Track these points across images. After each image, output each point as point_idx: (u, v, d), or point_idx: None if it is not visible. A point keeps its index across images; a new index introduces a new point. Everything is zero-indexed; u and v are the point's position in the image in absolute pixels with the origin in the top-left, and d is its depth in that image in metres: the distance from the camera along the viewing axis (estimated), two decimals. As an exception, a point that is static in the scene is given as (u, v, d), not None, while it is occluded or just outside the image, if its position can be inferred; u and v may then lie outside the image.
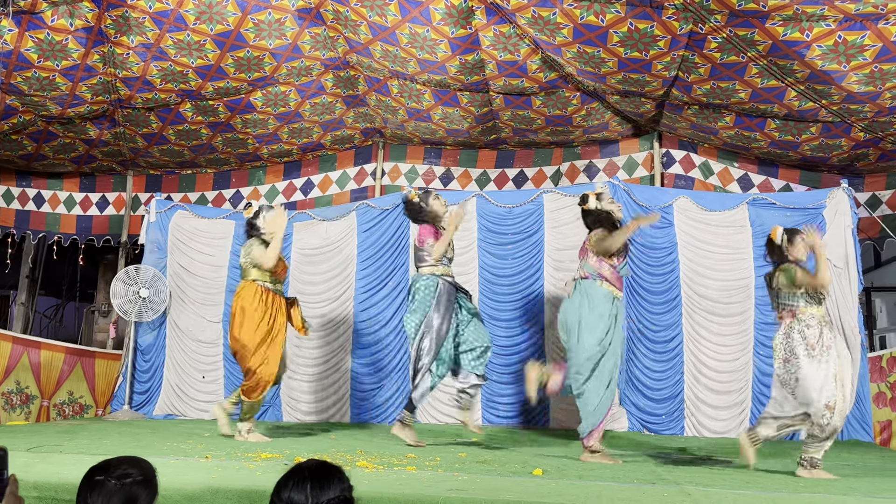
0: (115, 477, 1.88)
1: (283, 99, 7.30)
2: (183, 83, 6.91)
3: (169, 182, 8.71)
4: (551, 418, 6.70)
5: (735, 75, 6.00)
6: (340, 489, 1.79)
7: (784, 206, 6.68)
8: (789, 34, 5.27)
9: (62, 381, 6.96)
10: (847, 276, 6.46)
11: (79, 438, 5.04)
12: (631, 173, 7.62)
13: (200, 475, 3.36)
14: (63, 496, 3.07)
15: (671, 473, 4.05)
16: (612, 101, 6.92)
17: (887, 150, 6.78)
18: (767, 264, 4.62)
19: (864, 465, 4.91)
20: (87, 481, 1.89)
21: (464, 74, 6.65)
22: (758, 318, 6.54)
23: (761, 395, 6.43)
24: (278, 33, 6.42)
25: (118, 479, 1.87)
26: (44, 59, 6.38)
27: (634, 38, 5.72)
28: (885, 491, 3.57)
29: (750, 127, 6.80)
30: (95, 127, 7.59)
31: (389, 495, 2.97)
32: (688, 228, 6.69)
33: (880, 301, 10.55)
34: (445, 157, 8.20)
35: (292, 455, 4.19)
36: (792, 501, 3.15)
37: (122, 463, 1.93)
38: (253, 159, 8.41)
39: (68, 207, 8.77)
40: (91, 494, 1.86)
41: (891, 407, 6.21)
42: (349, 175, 8.37)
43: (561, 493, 3.16)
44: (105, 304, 9.52)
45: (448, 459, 4.30)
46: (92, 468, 1.92)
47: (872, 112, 6.10)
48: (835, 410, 4.06)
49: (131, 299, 7.28)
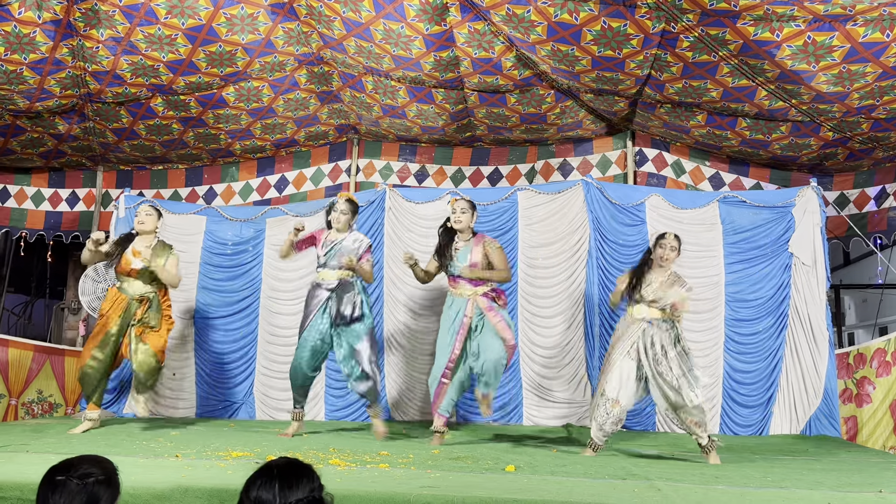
0: (77, 476, 1.85)
1: (255, 94, 7.24)
2: (154, 77, 6.83)
3: (140, 178, 8.59)
4: (524, 415, 6.72)
5: (707, 74, 6.06)
6: (310, 489, 1.78)
7: (754, 204, 6.77)
8: (760, 34, 5.33)
9: (31, 380, 6.84)
10: (815, 273, 6.57)
11: (46, 437, 4.97)
12: (604, 171, 7.68)
13: (170, 474, 3.32)
14: (28, 496, 3.02)
15: (642, 469, 4.09)
16: (586, 99, 6.96)
17: (855, 149, 6.89)
18: (737, 261, 4.78)
19: (831, 459, 4.99)
20: (48, 481, 1.86)
21: (438, 71, 6.65)
22: (728, 315, 6.62)
23: (731, 391, 6.52)
24: (251, 28, 6.36)
25: (79, 478, 1.85)
26: (10, 52, 6.26)
27: (608, 36, 5.76)
28: (850, 485, 3.63)
29: (721, 126, 6.88)
30: (64, 121, 7.47)
31: (362, 493, 2.96)
32: (659, 226, 6.72)
33: (849, 298, 10.74)
34: (420, 155, 8.19)
35: (264, 453, 4.16)
36: (760, 496, 3.19)
37: (84, 462, 1.90)
38: (225, 155, 8.33)
39: (36, 203, 8.61)
40: (52, 495, 1.83)
41: (856, 403, 6.32)
42: (324, 172, 8.33)
43: (533, 489, 3.17)
44: (74, 302, 9.38)
45: (421, 456, 4.30)
46: (52, 468, 1.89)
47: (841, 112, 6.19)
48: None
49: (100, 296, 7.18)
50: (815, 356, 6.44)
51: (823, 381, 6.39)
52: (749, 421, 6.48)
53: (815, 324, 6.49)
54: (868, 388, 6.20)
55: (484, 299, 5.24)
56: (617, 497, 3.01)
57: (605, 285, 6.70)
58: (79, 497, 1.83)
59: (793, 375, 6.48)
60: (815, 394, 6.39)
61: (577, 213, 6.87)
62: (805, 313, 6.52)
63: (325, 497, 1.82)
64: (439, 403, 5.25)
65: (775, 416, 6.47)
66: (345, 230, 5.60)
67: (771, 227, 6.70)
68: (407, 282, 7.07)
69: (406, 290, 7.06)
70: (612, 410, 4.69)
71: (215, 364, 7.24)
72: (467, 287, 5.30)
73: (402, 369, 6.99)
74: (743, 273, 6.66)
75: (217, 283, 7.42)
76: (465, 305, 5.25)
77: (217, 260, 7.47)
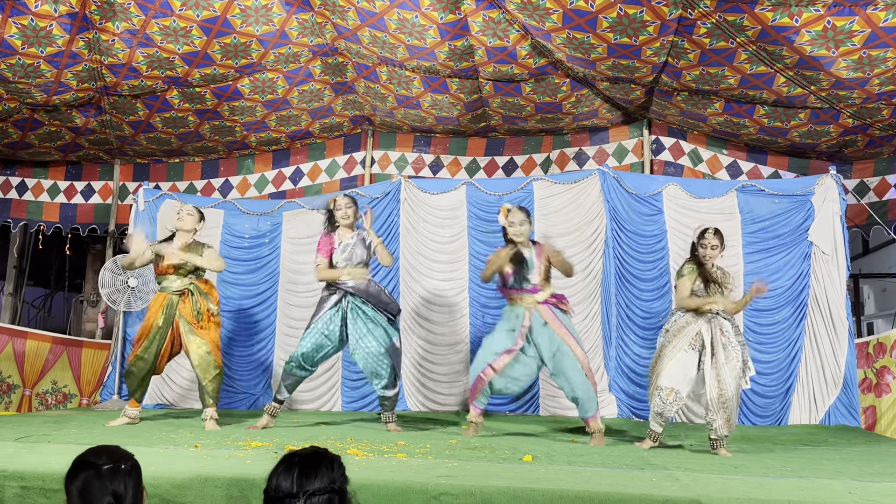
0: (107, 464, 1.89)
1: (270, 86, 7.24)
2: (169, 70, 6.85)
3: (156, 171, 8.64)
4: (541, 405, 6.72)
5: (724, 61, 5.99)
6: (329, 479, 1.77)
7: (773, 192, 6.70)
8: (778, 19, 5.26)
9: (46, 371, 6.92)
10: (835, 262, 6.50)
11: (67, 428, 5.02)
12: (621, 161, 7.62)
13: (189, 464, 3.34)
14: (51, 485, 3.06)
15: (660, 459, 4.07)
16: (602, 87, 6.91)
17: (875, 136, 6.80)
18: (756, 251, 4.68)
19: (851, 449, 4.95)
20: (75, 470, 1.89)
21: (453, 61, 6.62)
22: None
23: (751, 381, 6.46)
24: (265, 19, 6.36)
25: (111, 465, 1.89)
26: (28, 46, 6.30)
27: (624, 23, 5.70)
28: (871, 475, 3.60)
29: (739, 113, 6.81)
30: (81, 114, 7.52)
31: (380, 482, 2.96)
32: (677, 216, 6.70)
33: (868, 288, 10.62)
34: (435, 145, 8.17)
35: (282, 444, 4.18)
36: (779, 486, 3.17)
37: (106, 452, 1.93)
38: (241, 147, 8.36)
39: (52, 196, 8.68)
40: (82, 482, 1.86)
41: (875, 393, 6.26)
42: (338, 164, 8.33)
43: (550, 478, 3.16)
44: (93, 294, 9.46)
45: (438, 446, 4.31)
46: (79, 457, 1.92)
47: (861, 98, 6.11)
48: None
49: (119, 289, 7.23)
50: (834, 346, 6.38)
51: (843, 370, 6.33)
52: (768, 411, 6.44)
53: (834, 313, 6.42)
54: (888, 378, 6.14)
55: (545, 307, 4.98)
56: (635, 486, 3.00)
57: (622, 275, 6.67)
58: (115, 483, 1.87)
59: (812, 365, 6.43)
60: (835, 383, 6.34)
61: (594, 203, 6.84)
62: (825, 303, 6.46)
63: (348, 491, 1.81)
64: (476, 396, 5.10)
65: (794, 406, 6.42)
66: (353, 227, 5.52)
67: (790, 216, 6.63)
68: (423, 272, 7.08)
69: (423, 281, 7.06)
70: (669, 398, 4.62)
71: (234, 356, 7.28)
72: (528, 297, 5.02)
73: (420, 360, 7.00)
74: (762, 263, 6.60)
75: (235, 276, 7.46)
76: (524, 313, 4.98)
77: (235, 253, 7.51)
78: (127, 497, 1.88)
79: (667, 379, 4.64)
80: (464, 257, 7.01)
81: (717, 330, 4.64)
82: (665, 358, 4.69)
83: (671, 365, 4.65)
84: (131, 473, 1.93)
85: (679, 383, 4.63)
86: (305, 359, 5.34)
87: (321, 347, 5.35)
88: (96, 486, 1.86)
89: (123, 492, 1.88)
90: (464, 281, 6.98)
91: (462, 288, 6.99)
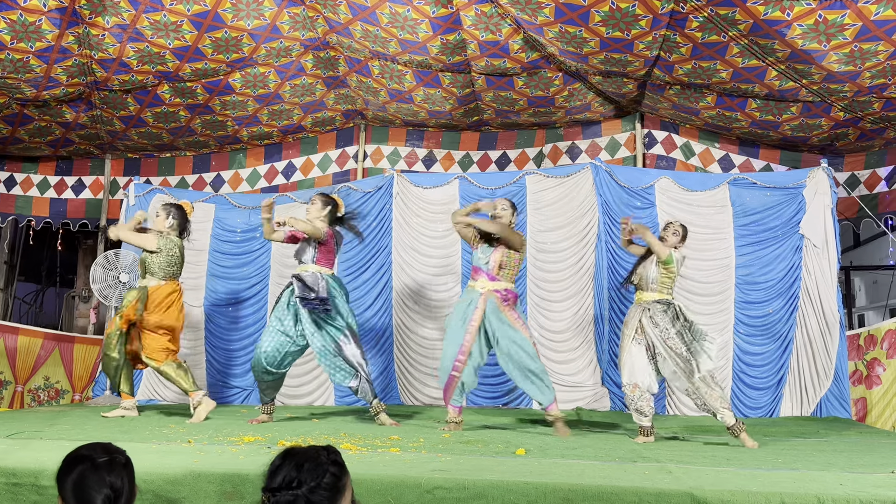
0: (100, 458, 1.87)
1: (262, 80, 7.21)
2: (160, 64, 6.81)
3: (148, 165, 8.60)
4: (533, 399, 6.72)
5: (716, 55, 6.00)
6: (316, 475, 1.77)
7: (764, 185, 6.73)
8: (770, 13, 5.27)
9: (38, 367, 6.89)
10: (826, 254, 6.53)
11: (60, 424, 5.00)
12: (613, 154, 7.63)
13: (182, 459, 3.34)
14: (43, 482, 3.04)
15: (652, 451, 4.08)
16: (595, 81, 6.91)
17: (867, 129, 6.83)
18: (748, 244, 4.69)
19: (842, 441, 4.98)
20: (69, 465, 1.87)
21: (445, 55, 6.60)
22: (738, 297, 6.60)
23: (742, 373, 6.51)
24: (256, 13, 6.33)
25: (106, 459, 1.87)
26: (17, 41, 6.25)
27: (616, 17, 5.70)
28: (862, 466, 3.62)
29: (731, 107, 6.82)
30: (72, 110, 7.47)
31: (374, 476, 2.96)
32: (669, 209, 6.72)
33: (859, 280, 10.69)
34: (428, 140, 8.16)
35: (275, 439, 4.18)
36: (771, 477, 3.18)
37: (97, 447, 1.92)
38: (233, 142, 8.32)
39: (41, 191, 8.63)
40: (74, 476, 1.84)
41: (866, 385, 6.30)
42: (331, 158, 8.31)
43: (544, 472, 3.17)
44: (85, 290, 9.42)
45: (432, 440, 4.31)
46: (71, 453, 1.90)
47: (852, 92, 6.13)
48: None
49: (111, 284, 7.20)
50: (825, 338, 6.42)
51: (834, 362, 6.37)
52: (759, 403, 6.47)
53: (825, 305, 6.46)
54: (878, 370, 6.17)
55: (497, 295, 5.02)
56: (627, 479, 3.01)
57: (614, 269, 6.68)
58: (112, 476, 1.84)
59: (803, 357, 6.46)
60: (826, 375, 6.37)
61: (586, 197, 6.85)
62: (816, 295, 6.49)
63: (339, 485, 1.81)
64: (451, 395, 5.16)
65: (786, 398, 6.46)
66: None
67: (781, 209, 6.66)
68: (415, 266, 7.07)
69: (415, 275, 7.06)
70: (634, 394, 4.75)
71: (225, 350, 7.27)
72: (485, 281, 5.07)
73: (412, 355, 7.00)
74: (753, 255, 6.63)
75: (226, 270, 7.44)
76: (478, 298, 5.04)
77: (226, 247, 7.49)
78: (124, 490, 1.86)
79: (626, 375, 4.81)
80: (456, 252, 7.00)
81: (647, 320, 4.75)
82: (622, 353, 4.88)
83: (624, 360, 4.83)
84: (127, 467, 1.90)
85: (636, 376, 4.76)
86: (266, 360, 5.44)
87: (281, 348, 5.40)
88: (93, 478, 1.82)
89: (121, 485, 1.85)
90: (456, 276, 6.98)
91: (455, 283, 6.99)
